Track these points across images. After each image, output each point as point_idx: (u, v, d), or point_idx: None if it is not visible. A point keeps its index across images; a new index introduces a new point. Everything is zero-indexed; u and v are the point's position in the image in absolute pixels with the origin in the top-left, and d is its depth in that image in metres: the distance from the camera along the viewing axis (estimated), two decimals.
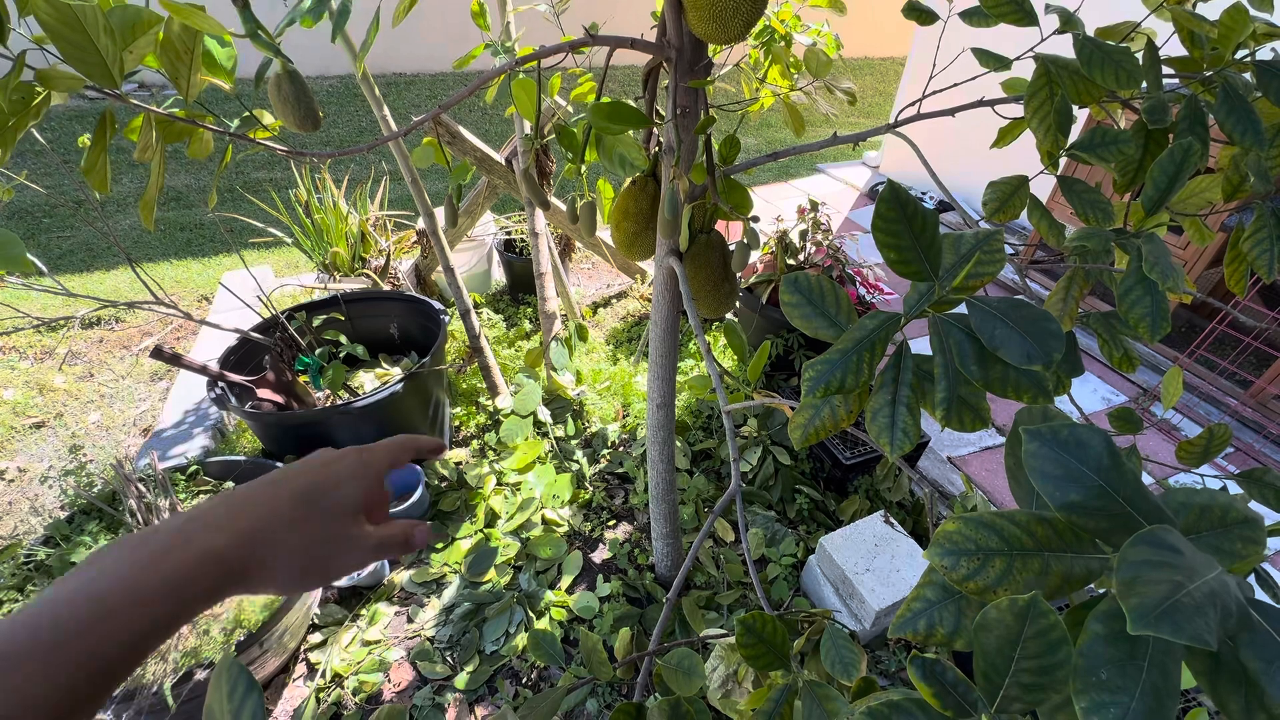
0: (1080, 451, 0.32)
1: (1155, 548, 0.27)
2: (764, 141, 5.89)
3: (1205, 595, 0.25)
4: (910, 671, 0.34)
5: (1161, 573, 0.26)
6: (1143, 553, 0.27)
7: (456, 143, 2.05)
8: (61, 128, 4.49)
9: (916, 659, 0.35)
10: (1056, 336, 0.41)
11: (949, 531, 0.33)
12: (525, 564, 1.94)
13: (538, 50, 0.89)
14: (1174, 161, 0.67)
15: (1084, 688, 0.27)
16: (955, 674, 0.33)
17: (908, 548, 1.80)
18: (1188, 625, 0.24)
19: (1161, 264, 0.62)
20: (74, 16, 0.61)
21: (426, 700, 1.60)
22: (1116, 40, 0.89)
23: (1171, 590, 0.25)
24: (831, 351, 0.46)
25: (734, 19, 0.80)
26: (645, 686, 0.77)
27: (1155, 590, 0.25)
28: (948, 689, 0.33)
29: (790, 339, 2.54)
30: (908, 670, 0.34)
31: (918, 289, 0.48)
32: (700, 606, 1.81)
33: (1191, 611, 0.24)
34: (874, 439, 0.48)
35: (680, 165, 1.00)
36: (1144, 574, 0.26)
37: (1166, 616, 0.24)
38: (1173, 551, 0.27)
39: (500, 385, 2.43)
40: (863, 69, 8.20)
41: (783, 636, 0.61)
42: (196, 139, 0.90)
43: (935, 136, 3.45)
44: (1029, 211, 0.85)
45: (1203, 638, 0.24)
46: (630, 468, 2.27)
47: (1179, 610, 0.24)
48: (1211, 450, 0.83)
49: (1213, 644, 0.24)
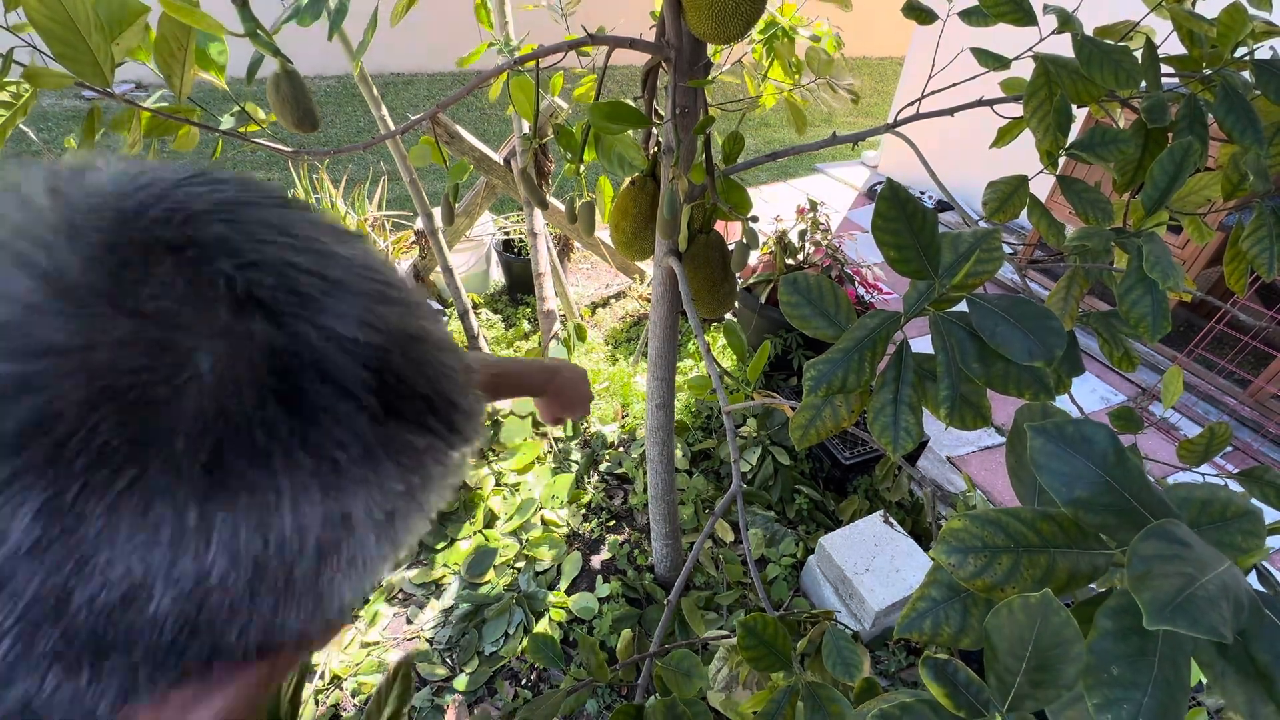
0: (1086, 448, 0.32)
1: (1166, 541, 0.27)
2: (763, 141, 5.89)
3: (1218, 588, 0.25)
4: (922, 672, 0.33)
5: (1173, 566, 0.26)
6: (1154, 547, 0.26)
7: (454, 142, 2.05)
8: (57, 128, 4.48)
9: (929, 659, 0.35)
10: (1058, 333, 0.41)
11: (956, 529, 0.33)
12: (524, 565, 1.94)
13: (537, 50, 0.89)
14: (1174, 160, 0.67)
15: (1095, 684, 0.27)
16: (967, 674, 0.33)
17: (907, 548, 1.80)
18: (1203, 618, 0.24)
19: (1162, 263, 0.62)
20: (65, 14, 0.61)
21: (426, 702, 1.59)
22: (1115, 39, 0.89)
23: (1185, 583, 0.25)
24: (833, 351, 0.46)
25: (733, 19, 0.80)
26: (645, 688, 0.76)
27: (1169, 584, 0.25)
28: (959, 689, 0.32)
29: (789, 339, 2.54)
30: (919, 671, 0.34)
31: (917, 287, 0.47)
32: (700, 607, 1.81)
33: (1206, 604, 0.24)
34: (876, 438, 0.48)
35: (679, 165, 1.00)
36: (1156, 568, 0.26)
37: (1182, 610, 0.24)
38: (1183, 545, 0.27)
39: None
40: (861, 68, 8.21)
41: (784, 638, 0.61)
42: (184, 132, 0.90)
43: (934, 136, 3.46)
44: (1029, 211, 0.85)
45: (1218, 630, 0.24)
46: (629, 468, 2.26)
47: (1194, 603, 0.24)
48: (1212, 449, 0.83)
49: (1228, 636, 0.24)
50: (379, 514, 0.26)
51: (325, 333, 0.24)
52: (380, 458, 0.25)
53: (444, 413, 0.28)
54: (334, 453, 0.24)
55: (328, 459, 0.24)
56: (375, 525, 0.27)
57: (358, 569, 0.27)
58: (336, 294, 0.25)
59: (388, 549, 0.28)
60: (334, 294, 0.25)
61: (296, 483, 0.23)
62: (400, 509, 0.27)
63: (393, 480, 0.26)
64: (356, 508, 0.25)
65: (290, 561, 0.24)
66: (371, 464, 0.25)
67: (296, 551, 0.24)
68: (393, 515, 0.27)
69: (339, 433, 0.24)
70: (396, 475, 0.26)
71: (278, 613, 0.25)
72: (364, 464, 0.25)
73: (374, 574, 0.28)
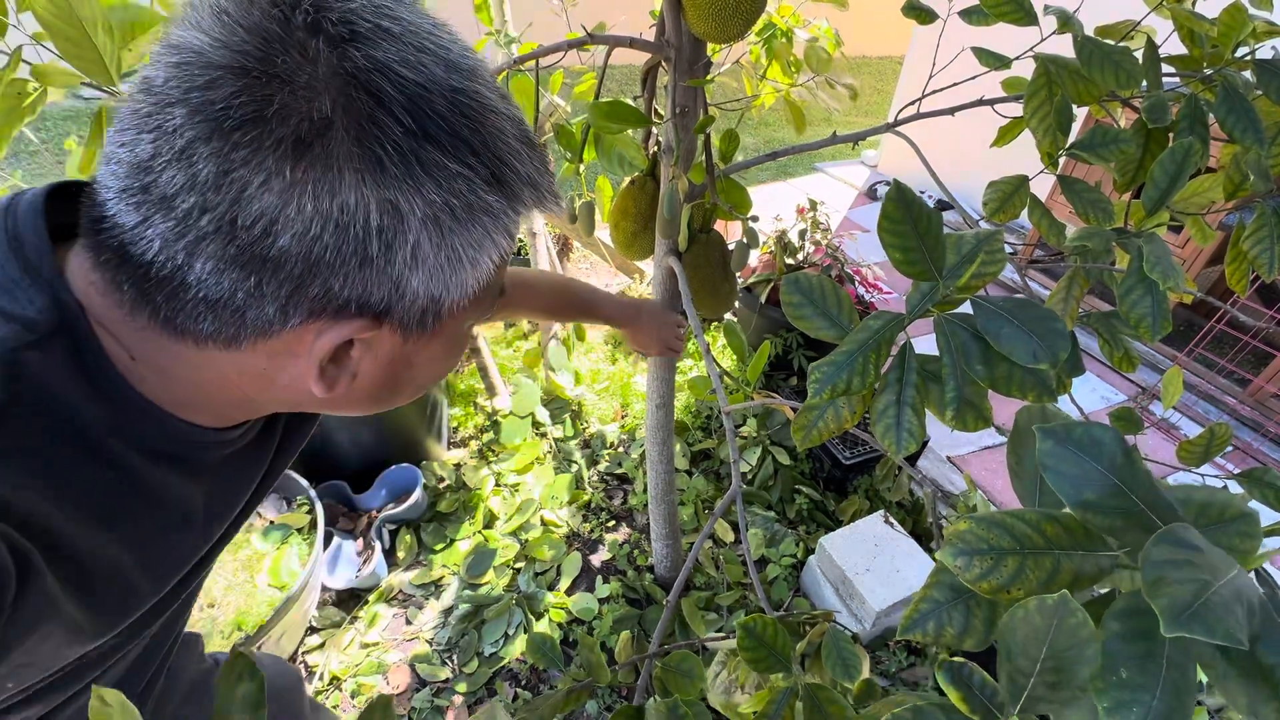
0: (1095, 450, 0.32)
1: (1177, 546, 0.27)
2: (762, 141, 5.89)
3: (1232, 593, 0.25)
4: (939, 676, 0.33)
5: (1186, 571, 0.26)
6: (1165, 552, 0.26)
7: None
8: (56, 128, 4.47)
9: (946, 663, 0.35)
10: (1062, 335, 0.41)
11: (961, 531, 0.33)
12: (524, 565, 1.94)
13: (536, 49, 0.88)
14: (1174, 161, 0.67)
15: (1105, 687, 0.27)
16: (982, 677, 0.33)
17: (908, 548, 1.80)
18: (1219, 625, 0.24)
19: (1163, 263, 0.61)
20: (72, 13, 0.61)
21: (425, 703, 1.59)
22: (1116, 39, 0.89)
23: (1200, 589, 0.25)
24: (837, 353, 0.46)
25: (733, 18, 0.79)
26: (645, 689, 0.76)
27: (1184, 590, 0.25)
28: (974, 692, 0.32)
29: (789, 338, 2.54)
30: (936, 675, 0.34)
31: (921, 289, 0.47)
32: (700, 608, 1.81)
33: (1221, 610, 0.24)
34: (879, 440, 0.48)
35: (679, 164, 1.00)
36: (1169, 573, 0.25)
37: (1199, 616, 0.24)
38: (1194, 550, 0.27)
39: (498, 386, 2.42)
40: (860, 68, 8.20)
41: (784, 639, 0.61)
42: None
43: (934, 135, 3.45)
44: (1029, 211, 0.85)
45: (1235, 636, 0.23)
46: (629, 468, 2.26)
47: (1210, 609, 0.24)
48: (1212, 450, 0.83)
49: (1244, 642, 0.24)
50: (424, 214, 0.35)
51: (373, 63, 0.33)
52: (413, 164, 0.34)
53: (486, 159, 0.36)
54: (374, 148, 0.33)
55: (371, 153, 0.33)
56: (425, 227, 0.35)
57: (426, 265, 0.37)
58: (388, 41, 0.33)
59: (449, 257, 0.37)
60: (386, 40, 0.33)
61: (350, 167, 0.33)
62: (446, 223, 0.36)
63: (429, 189, 0.35)
64: (401, 200, 0.34)
65: (360, 233, 0.34)
66: (406, 166, 0.34)
67: (363, 225, 0.34)
68: (439, 224, 0.36)
69: (379, 134, 0.33)
70: (432, 186, 0.35)
71: (367, 277, 0.35)
72: (400, 165, 0.33)
73: (454, 275, 0.38)
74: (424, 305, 0.38)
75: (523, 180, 0.38)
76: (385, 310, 0.37)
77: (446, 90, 0.35)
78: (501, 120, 0.37)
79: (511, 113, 0.39)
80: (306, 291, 0.35)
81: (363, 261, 0.35)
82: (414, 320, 0.39)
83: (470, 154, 0.35)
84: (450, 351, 0.46)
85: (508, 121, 0.38)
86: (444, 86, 0.34)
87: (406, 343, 0.41)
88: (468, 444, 2.35)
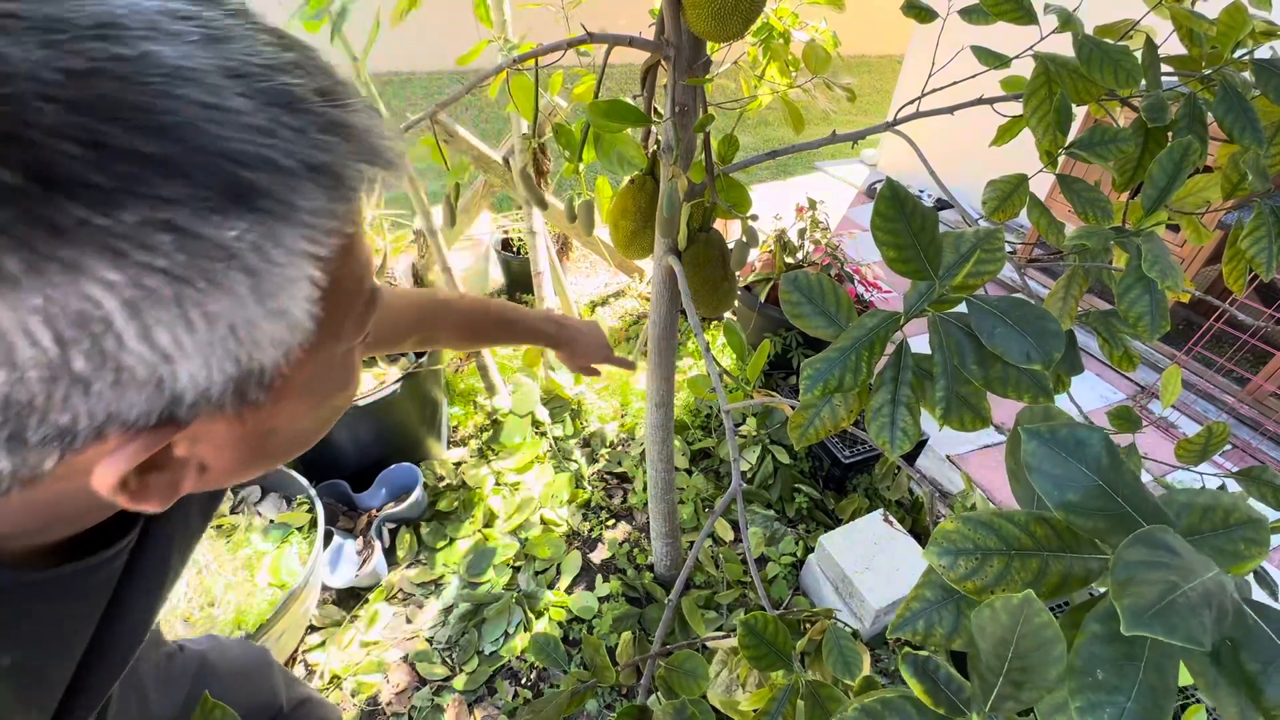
0: (1079, 451, 0.32)
1: (1152, 548, 0.27)
2: (762, 140, 5.88)
3: (1200, 596, 0.25)
4: (902, 668, 0.34)
5: (1157, 573, 0.26)
6: (1139, 553, 0.27)
7: (454, 141, 2.05)
8: None
9: (909, 655, 0.35)
10: (1056, 335, 0.41)
11: (947, 531, 0.33)
12: (524, 564, 1.94)
13: (536, 48, 0.88)
14: (1173, 160, 0.67)
15: (1080, 687, 0.27)
16: (948, 671, 0.33)
17: (907, 546, 1.80)
18: (1181, 625, 0.24)
19: (1161, 262, 0.62)
20: None
21: (426, 701, 1.60)
22: (1115, 38, 0.89)
23: (1166, 590, 0.25)
24: (830, 350, 0.46)
25: (733, 17, 0.79)
26: (648, 688, 0.76)
27: (1150, 591, 0.25)
28: (940, 686, 0.33)
29: (789, 337, 2.54)
30: (899, 666, 0.34)
31: (917, 288, 0.47)
32: (700, 606, 1.81)
33: (1186, 612, 0.24)
34: (874, 438, 0.48)
35: (679, 163, 1.00)
36: (1139, 574, 0.26)
37: (1160, 617, 0.24)
38: (1169, 552, 0.27)
39: (498, 384, 2.42)
40: (859, 67, 8.19)
41: (785, 637, 0.61)
42: None
43: (934, 134, 3.45)
44: (1029, 210, 0.85)
45: (1196, 638, 0.24)
46: (629, 467, 2.26)
47: (1173, 610, 0.24)
48: (1210, 448, 0.83)
49: (1207, 645, 0.24)
50: (121, 300, 0.23)
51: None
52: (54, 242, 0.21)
53: (209, 174, 0.23)
54: None
55: None
56: (136, 313, 0.23)
57: (185, 349, 0.25)
58: None
59: (214, 327, 0.25)
60: None
61: None
62: (168, 295, 0.23)
63: (103, 269, 0.22)
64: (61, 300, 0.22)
65: (46, 358, 0.22)
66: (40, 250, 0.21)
67: (37, 350, 0.22)
68: (158, 301, 0.23)
69: None
70: (108, 262, 0.22)
71: (97, 399, 0.24)
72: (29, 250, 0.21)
73: (248, 338, 0.26)
74: (226, 385, 0.27)
75: (296, 169, 0.25)
76: (168, 418, 0.27)
77: (87, 87, 0.21)
78: (225, 92, 0.23)
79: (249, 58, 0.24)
80: (25, 439, 0.24)
81: (76, 387, 0.23)
82: (228, 403, 0.28)
83: (171, 178, 0.22)
84: (324, 394, 0.36)
85: (241, 83, 0.24)
86: (81, 83, 0.21)
87: (245, 421, 0.31)
88: (467, 443, 2.35)
